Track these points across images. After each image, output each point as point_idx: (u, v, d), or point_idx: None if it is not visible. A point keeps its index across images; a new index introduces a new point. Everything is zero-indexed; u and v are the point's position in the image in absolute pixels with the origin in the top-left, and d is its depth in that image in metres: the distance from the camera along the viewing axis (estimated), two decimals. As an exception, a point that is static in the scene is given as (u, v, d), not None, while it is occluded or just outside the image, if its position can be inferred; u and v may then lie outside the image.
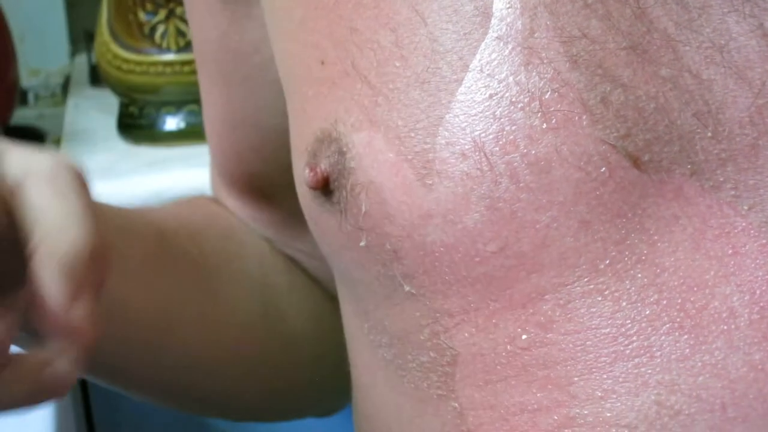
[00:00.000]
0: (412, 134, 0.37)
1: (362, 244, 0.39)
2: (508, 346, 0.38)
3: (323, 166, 0.40)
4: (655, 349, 0.36)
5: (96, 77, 1.20)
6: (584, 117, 0.36)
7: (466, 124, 0.36)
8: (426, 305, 0.39)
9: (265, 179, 0.56)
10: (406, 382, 0.41)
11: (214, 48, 0.54)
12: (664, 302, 0.36)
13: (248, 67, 0.53)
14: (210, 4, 0.52)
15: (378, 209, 0.38)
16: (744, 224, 0.35)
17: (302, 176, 0.41)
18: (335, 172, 0.39)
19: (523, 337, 0.37)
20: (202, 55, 0.56)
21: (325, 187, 0.40)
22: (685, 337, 0.35)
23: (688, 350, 0.35)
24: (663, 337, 0.36)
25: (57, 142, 1.10)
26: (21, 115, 1.21)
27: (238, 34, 0.52)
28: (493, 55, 0.37)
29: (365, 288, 0.42)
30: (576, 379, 0.36)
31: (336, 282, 0.48)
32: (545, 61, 0.36)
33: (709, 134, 0.36)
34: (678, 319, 0.36)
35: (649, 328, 0.36)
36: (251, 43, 0.52)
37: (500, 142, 0.36)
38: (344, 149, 0.39)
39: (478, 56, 0.37)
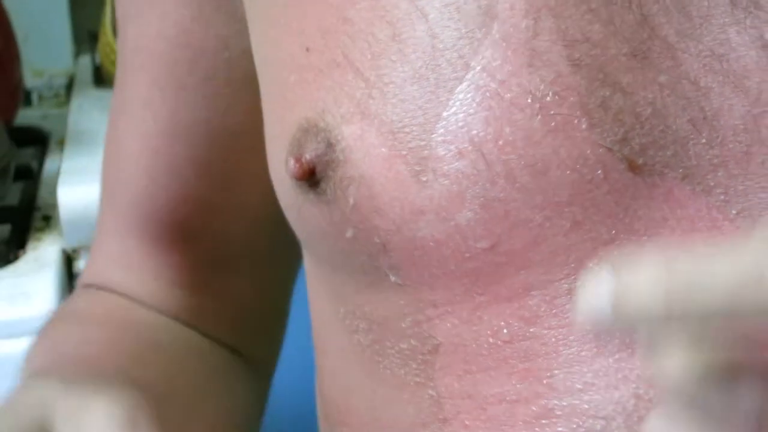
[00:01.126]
0: (407, 130, 0.37)
1: (348, 235, 0.39)
2: (491, 339, 0.38)
3: (308, 156, 0.39)
4: (636, 344, 0.36)
5: (100, 78, 1.20)
6: (583, 120, 0.36)
7: (464, 122, 0.36)
8: (410, 295, 0.39)
9: (195, 204, 0.54)
10: (382, 368, 0.41)
11: (170, 46, 0.51)
12: None
13: (211, 64, 0.50)
14: None
15: (367, 203, 0.38)
16: (731, 228, 0.36)
17: (283, 165, 0.40)
18: (322, 163, 0.39)
19: (506, 330, 0.37)
20: (148, 58, 0.52)
21: (310, 178, 0.39)
22: None
23: None
24: None
25: (60, 142, 1.10)
26: (25, 116, 1.21)
27: (203, 30, 0.50)
28: (495, 55, 0.36)
29: (346, 275, 0.41)
30: (557, 372, 0.37)
31: (308, 265, 0.47)
32: (547, 64, 0.36)
33: (703, 140, 0.36)
34: None
35: None
36: (218, 39, 0.50)
37: (498, 143, 0.36)
38: (332, 141, 0.38)
39: (479, 55, 0.36)
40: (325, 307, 0.45)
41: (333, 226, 0.39)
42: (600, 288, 0.25)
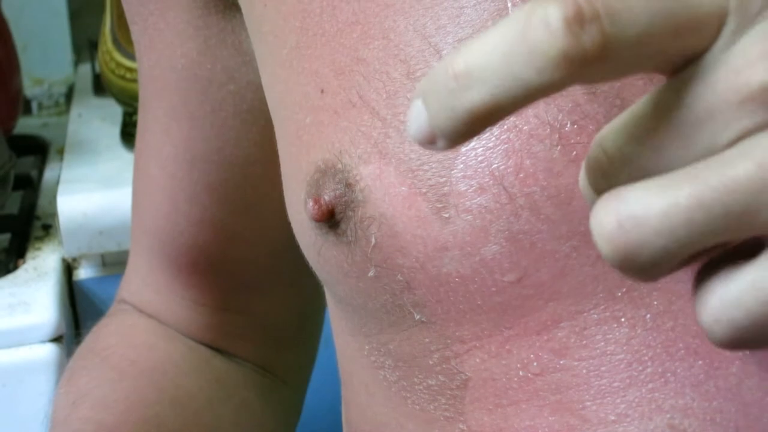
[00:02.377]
0: (426, 167, 0.37)
1: (371, 274, 0.39)
2: (521, 372, 0.37)
3: (327, 197, 0.39)
4: (669, 374, 0.35)
5: (99, 86, 1.20)
6: None
7: (483, 157, 0.36)
8: (436, 332, 0.39)
9: (215, 229, 0.55)
10: (410, 403, 0.41)
11: (180, 77, 0.52)
12: (679, 328, 0.36)
13: (219, 96, 0.51)
14: (179, 31, 0.51)
15: (390, 242, 0.38)
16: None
17: (302, 207, 0.40)
18: (341, 204, 0.39)
19: (536, 363, 0.37)
20: (162, 88, 0.53)
21: (329, 219, 0.39)
22: (700, 362, 0.35)
23: (702, 375, 0.35)
24: (677, 363, 0.35)
25: (60, 151, 1.10)
26: (24, 124, 1.20)
27: (210, 63, 0.51)
28: None
29: (368, 314, 0.41)
30: (589, 403, 0.36)
31: (329, 302, 0.47)
32: (564, 94, 0.35)
33: None
34: (693, 345, 0.35)
35: (664, 354, 0.36)
36: (225, 71, 0.51)
37: (520, 176, 0.36)
38: (351, 181, 0.38)
39: None
40: (349, 343, 0.45)
41: (354, 266, 0.39)
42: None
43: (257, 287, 0.58)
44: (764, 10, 0.23)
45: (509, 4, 0.37)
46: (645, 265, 0.23)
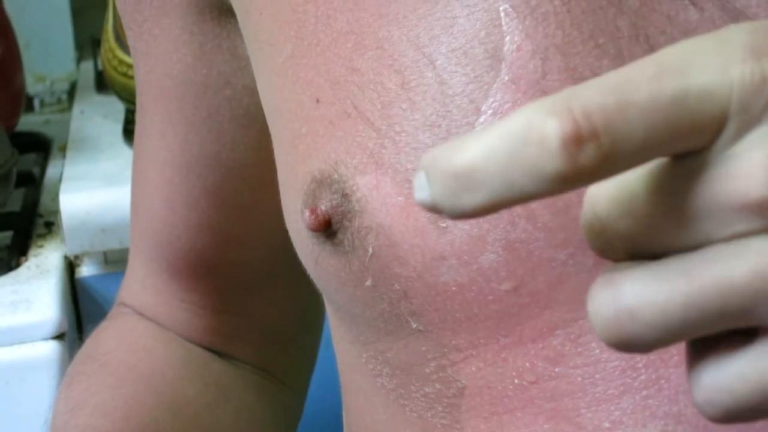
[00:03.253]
0: None
1: (368, 284, 0.39)
2: (516, 380, 0.37)
3: (323, 207, 0.39)
4: (663, 381, 0.36)
5: (102, 83, 1.20)
6: None
7: None
8: (433, 341, 0.39)
9: (212, 233, 0.55)
10: (408, 411, 0.41)
11: (175, 83, 0.52)
12: None
13: (215, 101, 0.51)
14: (175, 36, 0.51)
15: (387, 251, 0.38)
16: None
17: (299, 216, 0.40)
18: (338, 214, 0.39)
19: (531, 371, 0.37)
20: (159, 93, 0.53)
21: (326, 229, 0.39)
22: None
23: None
24: (671, 370, 0.36)
25: (62, 148, 1.10)
26: (27, 122, 1.20)
27: (205, 68, 0.51)
28: (506, 98, 0.36)
29: (366, 323, 0.41)
30: (584, 410, 0.36)
31: (328, 310, 0.47)
32: None
33: None
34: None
35: (658, 361, 0.36)
36: (221, 76, 0.51)
37: None
38: (347, 191, 0.38)
39: (489, 99, 0.36)
40: (347, 350, 0.45)
41: (351, 276, 0.39)
42: None
43: (255, 290, 0.58)
44: (765, 113, 0.23)
45: (502, 15, 0.37)
46: (639, 350, 0.24)
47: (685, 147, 0.23)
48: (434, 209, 0.23)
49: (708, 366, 0.24)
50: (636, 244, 0.24)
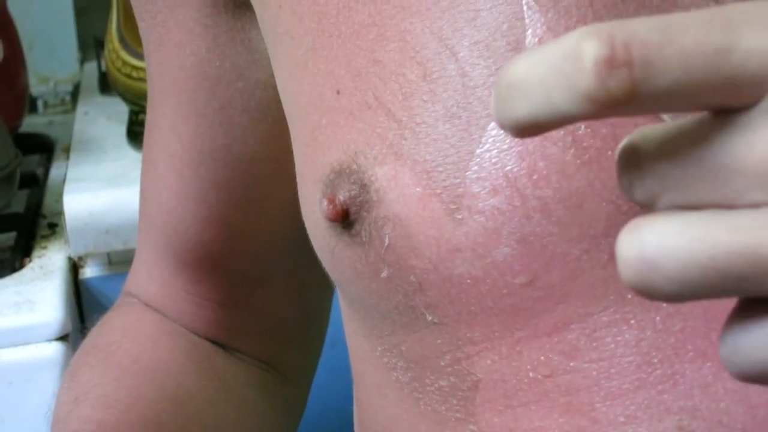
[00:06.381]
0: (441, 169, 0.37)
1: (383, 275, 0.39)
2: (531, 373, 0.37)
3: (342, 197, 0.39)
4: (678, 376, 0.36)
5: (105, 85, 1.20)
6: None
7: (497, 159, 0.36)
8: (448, 334, 0.39)
9: (220, 226, 0.55)
10: (422, 404, 0.41)
11: (188, 75, 0.52)
12: (688, 331, 0.36)
13: (228, 93, 0.51)
14: (188, 29, 0.51)
15: (403, 242, 0.38)
16: None
17: (317, 206, 0.40)
18: (356, 205, 0.39)
19: (546, 365, 0.37)
20: (171, 85, 0.53)
21: (344, 219, 0.39)
22: (709, 364, 0.35)
23: (710, 377, 0.35)
24: (686, 365, 0.35)
25: (66, 149, 1.10)
26: (30, 123, 1.20)
27: (218, 60, 0.51)
28: None
29: (381, 316, 0.41)
30: (599, 405, 0.36)
31: (342, 304, 0.47)
32: None
33: None
34: (702, 347, 0.35)
35: (673, 356, 0.36)
36: (234, 69, 0.51)
37: (533, 178, 0.36)
38: (366, 182, 0.38)
39: None
40: (361, 344, 0.45)
41: (367, 267, 0.39)
42: None
43: (262, 284, 0.58)
44: None
45: (525, 8, 0.36)
46: (662, 300, 0.23)
47: (723, 103, 0.23)
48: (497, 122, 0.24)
49: (735, 327, 0.24)
50: (667, 187, 0.24)
